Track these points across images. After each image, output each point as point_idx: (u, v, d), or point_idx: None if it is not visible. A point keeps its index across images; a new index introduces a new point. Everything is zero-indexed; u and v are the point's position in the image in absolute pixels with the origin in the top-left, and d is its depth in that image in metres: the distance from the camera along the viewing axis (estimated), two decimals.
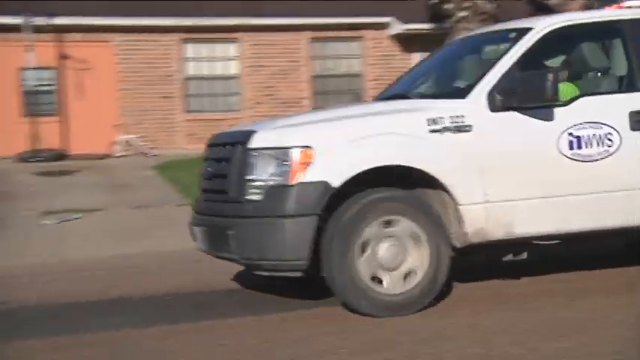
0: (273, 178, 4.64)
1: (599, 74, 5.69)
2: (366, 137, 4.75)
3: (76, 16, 15.45)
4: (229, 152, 4.94)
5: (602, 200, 5.18)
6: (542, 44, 5.30)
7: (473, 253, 5.22)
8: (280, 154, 4.65)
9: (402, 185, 4.88)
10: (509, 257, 5.43)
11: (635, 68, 5.47)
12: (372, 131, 4.83)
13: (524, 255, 5.41)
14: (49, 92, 15.69)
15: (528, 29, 5.34)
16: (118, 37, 15.96)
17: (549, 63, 5.65)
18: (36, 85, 15.50)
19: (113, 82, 15.82)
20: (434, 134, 4.81)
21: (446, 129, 4.85)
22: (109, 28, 15.77)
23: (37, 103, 15.44)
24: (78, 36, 15.70)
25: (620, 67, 5.56)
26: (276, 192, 4.63)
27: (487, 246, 5.10)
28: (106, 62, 15.81)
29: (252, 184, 4.69)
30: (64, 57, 15.72)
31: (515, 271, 5.72)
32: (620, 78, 5.57)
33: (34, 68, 15.16)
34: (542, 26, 5.34)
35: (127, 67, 15.98)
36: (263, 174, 4.67)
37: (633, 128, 5.23)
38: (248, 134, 4.83)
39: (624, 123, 5.21)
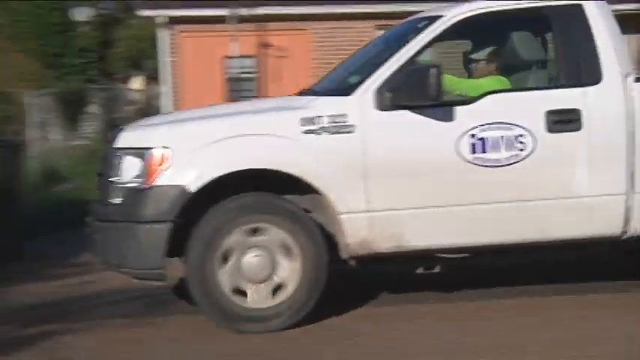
0: (132, 180, 4.46)
1: (514, 68, 4.98)
2: (230, 138, 4.43)
3: (277, 5, 16.13)
4: (106, 151, 4.86)
5: (512, 211, 4.56)
6: (450, 35, 4.70)
7: (385, 264, 4.78)
8: (138, 154, 4.44)
9: (289, 191, 4.47)
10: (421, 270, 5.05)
11: (553, 62, 4.90)
12: (237, 132, 4.47)
13: (437, 269, 4.98)
14: (249, 79, 16.66)
15: (438, 17, 4.62)
16: (314, 25, 16.35)
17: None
18: (239, 73, 16.52)
19: (308, 69, 16.27)
20: (309, 135, 4.41)
21: (324, 129, 4.40)
22: (307, 16, 16.25)
23: (239, 89, 16.54)
24: (277, 25, 16.40)
25: (538, 60, 5.01)
26: (133, 195, 4.44)
27: (397, 257, 4.62)
28: (302, 50, 16.37)
29: (115, 186, 4.53)
30: (264, 45, 16.55)
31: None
32: (538, 73, 5.00)
33: (237, 57, 16.17)
34: (452, 14, 4.69)
35: (320, 54, 16.35)
36: (124, 176, 4.50)
37: (550, 130, 4.57)
38: (117, 133, 4.70)
39: (539, 124, 4.56)
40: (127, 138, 4.60)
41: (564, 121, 4.64)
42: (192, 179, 4.32)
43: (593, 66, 4.73)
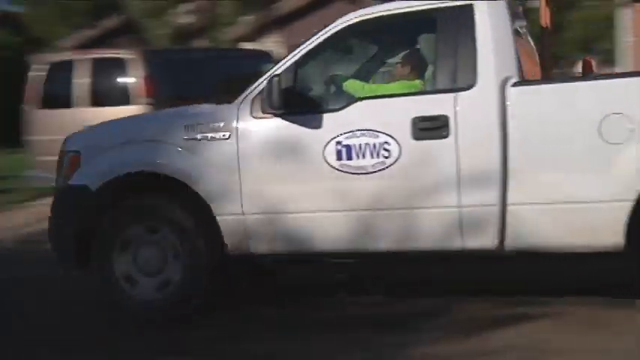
0: (62, 180, 5.16)
1: (421, 72, 4.90)
2: (127, 143, 4.95)
3: None
4: None
5: (380, 219, 4.53)
6: (335, 42, 4.78)
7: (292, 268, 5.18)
8: (64, 157, 5.17)
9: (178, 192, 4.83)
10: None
11: (426, 68, 4.84)
12: (133, 137, 5.01)
13: (343, 275, 5.27)
14: None
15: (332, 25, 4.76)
16: None
17: (343, 63, 5.19)
18: None
19: None
20: (190, 141, 4.72)
21: (203, 136, 4.69)
22: None
23: None
24: None
25: (429, 64, 4.84)
26: (56, 193, 5.21)
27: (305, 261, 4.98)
28: None
29: (56, 184, 5.29)
30: None
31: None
32: (429, 78, 4.84)
33: None
34: (340, 21, 4.74)
35: None
36: (59, 176, 5.20)
37: (416, 137, 4.45)
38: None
39: (406, 131, 4.46)
40: (65, 141, 5.29)
41: (431, 128, 4.47)
42: (96, 179, 4.86)
43: (467, 70, 4.52)
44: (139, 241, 4.87)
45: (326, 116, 4.59)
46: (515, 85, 4.44)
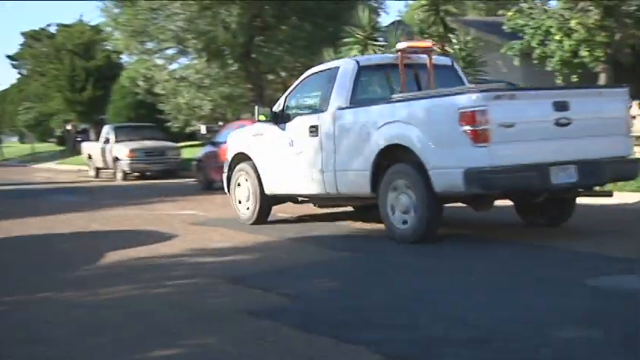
0: None
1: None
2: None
3: None
4: None
5: (302, 177, 9.86)
6: (300, 84, 10.19)
7: None
8: None
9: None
10: None
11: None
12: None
13: None
14: None
15: None
16: None
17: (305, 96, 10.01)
18: None
19: None
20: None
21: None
22: None
23: None
24: None
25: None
26: None
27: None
28: None
29: None
30: None
31: None
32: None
33: None
34: (304, 75, 10.37)
35: None
36: None
37: (309, 135, 9.48)
38: None
39: (307, 132, 9.55)
40: None
41: (313, 131, 9.30)
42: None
43: (326, 101, 9.21)
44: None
45: (287, 124, 9.85)
46: (338, 109, 9.04)
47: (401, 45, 9.31)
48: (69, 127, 42.57)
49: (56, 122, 43.72)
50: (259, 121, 9.90)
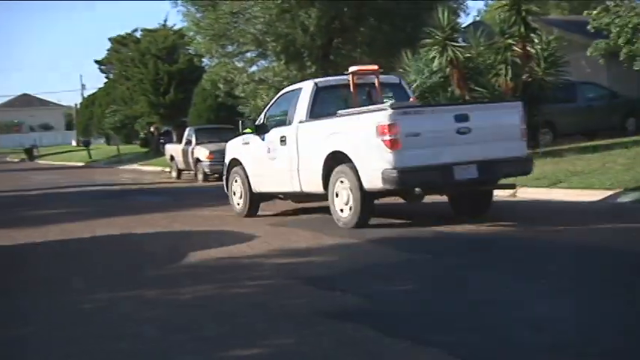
0: None
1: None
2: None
3: None
4: None
5: (275, 178, 11.85)
6: (276, 102, 12.37)
7: None
8: None
9: None
10: None
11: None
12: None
13: None
14: None
15: None
16: None
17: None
18: None
19: None
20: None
21: None
22: None
23: None
24: None
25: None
26: None
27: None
28: None
29: None
30: None
31: None
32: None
33: None
34: (279, 93, 12.78)
35: None
36: None
37: (281, 144, 11.48)
38: None
39: (278, 141, 11.49)
40: None
41: (283, 140, 11.28)
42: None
43: (292, 116, 11.25)
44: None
45: (265, 135, 11.80)
46: (299, 122, 11.00)
47: (352, 68, 11.41)
48: (152, 129, 43.72)
49: (140, 125, 44.92)
50: (244, 133, 12.37)
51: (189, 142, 25.83)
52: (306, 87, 11.29)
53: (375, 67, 11.90)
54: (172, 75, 39.41)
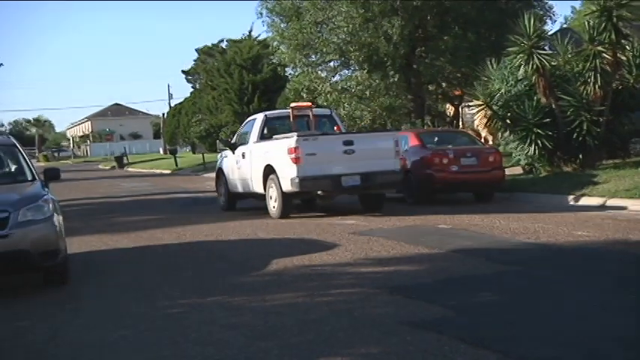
0: None
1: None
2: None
3: None
4: None
5: (242, 183, 15.73)
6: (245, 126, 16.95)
7: None
8: None
9: None
10: None
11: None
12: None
13: None
14: None
15: None
16: None
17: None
18: None
19: None
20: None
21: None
22: None
23: None
24: None
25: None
26: None
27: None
28: None
29: None
30: None
31: None
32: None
33: None
34: (252, 117, 17.05)
35: None
36: None
37: (242, 158, 15.50)
38: None
39: (241, 156, 15.53)
40: None
41: (244, 155, 15.40)
42: None
43: (249, 138, 15.45)
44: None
45: (235, 151, 15.87)
46: (253, 143, 15.25)
47: (292, 105, 16.41)
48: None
49: (225, 133, 45.85)
50: (221, 150, 17.79)
51: None
52: (259, 117, 15.85)
53: (310, 103, 17.51)
54: (256, 84, 40.04)
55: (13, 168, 9.61)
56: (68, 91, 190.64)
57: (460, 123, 30.76)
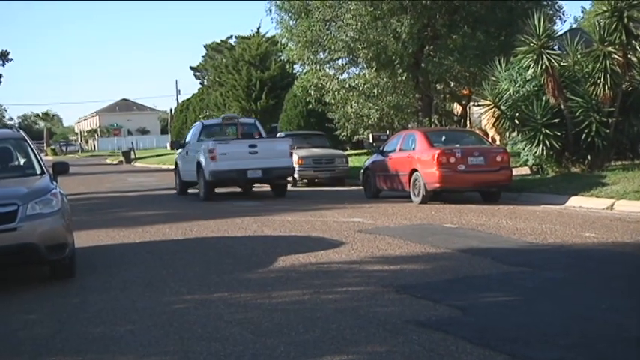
0: None
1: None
2: None
3: None
4: None
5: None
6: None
7: None
8: None
9: None
10: None
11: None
12: None
13: None
14: None
15: None
16: None
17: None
18: None
19: None
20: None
21: None
22: None
23: None
24: None
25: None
26: None
27: None
28: None
29: None
30: None
31: None
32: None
33: None
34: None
35: None
36: None
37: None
38: None
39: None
40: None
41: (187, 153, 20.55)
42: None
43: (191, 140, 20.73)
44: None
45: (183, 149, 20.94)
46: (191, 143, 20.45)
47: (222, 116, 22.88)
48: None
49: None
50: (178, 148, 22.61)
51: None
52: (198, 125, 21.75)
53: (237, 115, 25.68)
54: (264, 81, 40.05)
55: (22, 162, 9.64)
56: (77, 86, 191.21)
57: (468, 122, 30.69)
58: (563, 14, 27.73)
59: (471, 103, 30.09)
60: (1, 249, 7.75)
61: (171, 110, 73.73)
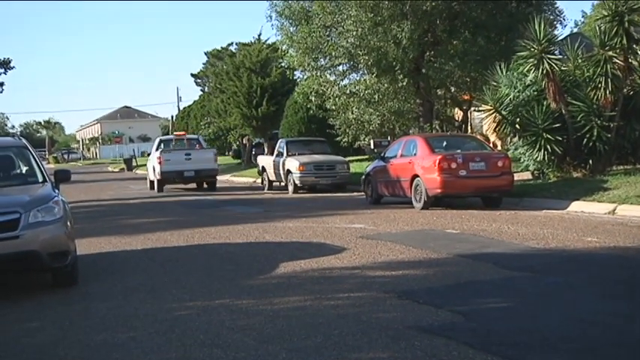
0: None
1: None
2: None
3: None
4: None
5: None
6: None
7: None
8: None
9: None
10: None
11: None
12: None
13: None
14: None
15: None
16: None
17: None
18: None
19: None
20: None
21: None
22: None
23: None
24: None
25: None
26: None
27: None
28: None
29: None
30: None
31: None
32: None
33: None
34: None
35: None
36: None
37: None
38: None
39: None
40: None
41: (151, 159, 29.34)
42: None
43: (154, 149, 29.01)
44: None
45: (154, 154, 27.67)
46: (153, 152, 29.07)
47: (174, 132, 38.03)
48: (244, 141, 44.54)
49: (233, 137, 45.87)
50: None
51: (280, 154, 26.17)
52: (158, 139, 29.55)
53: (184, 132, 36.98)
54: (265, 88, 40.07)
55: (24, 169, 9.65)
56: (78, 94, 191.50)
57: (469, 128, 30.71)
58: (564, 19, 27.77)
59: (472, 109, 30.09)
60: (3, 257, 7.77)
61: (172, 117, 73.81)
